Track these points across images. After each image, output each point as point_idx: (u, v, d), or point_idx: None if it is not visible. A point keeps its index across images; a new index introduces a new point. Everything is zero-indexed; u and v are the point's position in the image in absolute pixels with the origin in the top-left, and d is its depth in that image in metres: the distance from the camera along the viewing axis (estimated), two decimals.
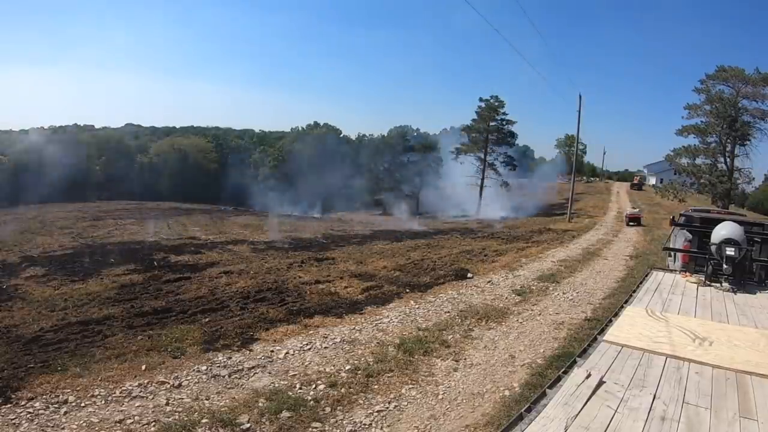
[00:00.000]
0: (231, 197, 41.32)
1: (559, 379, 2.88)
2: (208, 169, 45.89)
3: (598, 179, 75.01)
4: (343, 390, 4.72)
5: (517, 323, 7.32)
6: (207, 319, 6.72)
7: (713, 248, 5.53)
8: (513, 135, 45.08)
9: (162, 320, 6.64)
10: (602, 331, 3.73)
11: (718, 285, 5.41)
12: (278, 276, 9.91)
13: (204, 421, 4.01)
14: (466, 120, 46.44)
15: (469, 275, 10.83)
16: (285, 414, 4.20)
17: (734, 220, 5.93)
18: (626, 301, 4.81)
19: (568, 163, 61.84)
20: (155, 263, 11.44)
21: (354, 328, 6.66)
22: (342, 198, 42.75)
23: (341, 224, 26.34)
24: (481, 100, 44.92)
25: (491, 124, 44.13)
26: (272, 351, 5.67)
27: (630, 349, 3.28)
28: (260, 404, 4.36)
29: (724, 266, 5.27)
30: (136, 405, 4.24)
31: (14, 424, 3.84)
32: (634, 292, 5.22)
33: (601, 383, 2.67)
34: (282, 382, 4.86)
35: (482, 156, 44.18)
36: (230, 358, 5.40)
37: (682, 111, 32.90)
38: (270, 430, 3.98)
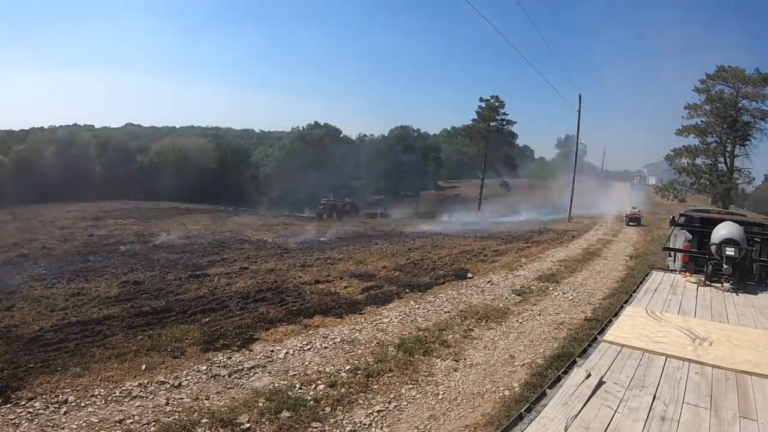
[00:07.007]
0: (231, 197, 41.28)
1: (559, 379, 2.88)
2: (208, 169, 45.77)
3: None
4: (342, 390, 4.72)
5: (517, 323, 7.32)
6: (207, 319, 6.72)
7: (713, 248, 5.52)
8: (513, 135, 45.24)
9: (162, 320, 6.63)
10: (602, 331, 3.73)
11: (718, 285, 5.41)
12: (278, 276, 9.90)
13: (204, 421, 4.01)
14: (467, 120, 46.66)
15: (469, 275, 10.83)
16: (285, 414, 4.20)
17: (734, 220, 5.93)
18: (626, 301, 4.81)
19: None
20: (155, 263, 11.43)
21: (354, 328, 6.66)
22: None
23: (341, 224, 26.31)
24: (481, 100, 45.20)
25: (491, 124, 44.24)
26: (272, 351, 5.67)
27: (630, 349, 3.28)
28: (260, 404, 4.36)
29: (724, 266, 5.27)
30: (136, 405, 4.24)
31: (14, 424, 3.83)
32: (634, 292, 5.22)
33: (601, 383, 2.67)
34: (282, 382, 4.87)
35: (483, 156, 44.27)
36: (230, 358, 5.41)
37: (682, 111, 32.95)
38: (270, 430, 3.98)
